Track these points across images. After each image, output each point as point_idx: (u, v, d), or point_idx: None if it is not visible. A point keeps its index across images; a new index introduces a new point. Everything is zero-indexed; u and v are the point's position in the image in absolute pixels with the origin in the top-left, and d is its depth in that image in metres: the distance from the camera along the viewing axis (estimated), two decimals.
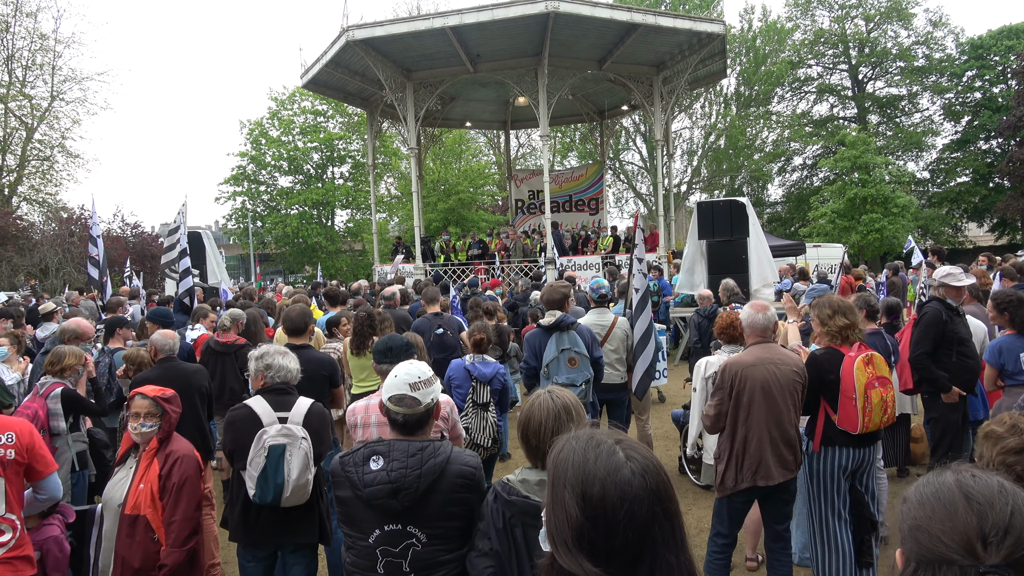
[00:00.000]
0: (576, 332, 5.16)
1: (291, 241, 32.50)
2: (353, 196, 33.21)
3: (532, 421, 2.24)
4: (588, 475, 1.30)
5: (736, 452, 3.85)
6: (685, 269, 11.85)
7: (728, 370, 3.91)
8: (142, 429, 3.31)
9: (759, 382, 3.81)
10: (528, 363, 5.19)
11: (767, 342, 3.97)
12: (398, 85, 16.27)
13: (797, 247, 19.50)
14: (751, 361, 3.87)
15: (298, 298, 7.01)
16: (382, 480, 2.37)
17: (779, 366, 3.85)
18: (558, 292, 5.33)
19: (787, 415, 3.83)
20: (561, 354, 5.02)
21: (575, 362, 5.05)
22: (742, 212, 11.29)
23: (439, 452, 2.45)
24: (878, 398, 3.81)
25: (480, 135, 35.76)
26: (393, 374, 2.57)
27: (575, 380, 5.01)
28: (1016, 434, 1.87)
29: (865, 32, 35.83)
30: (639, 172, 38.53)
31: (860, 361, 3.84)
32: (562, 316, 5.17)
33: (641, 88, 17.05)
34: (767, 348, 3.93)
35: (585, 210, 22.33)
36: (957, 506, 1.08)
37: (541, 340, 5.16)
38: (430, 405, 2.56)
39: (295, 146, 32.93)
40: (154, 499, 3.22)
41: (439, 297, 7.12)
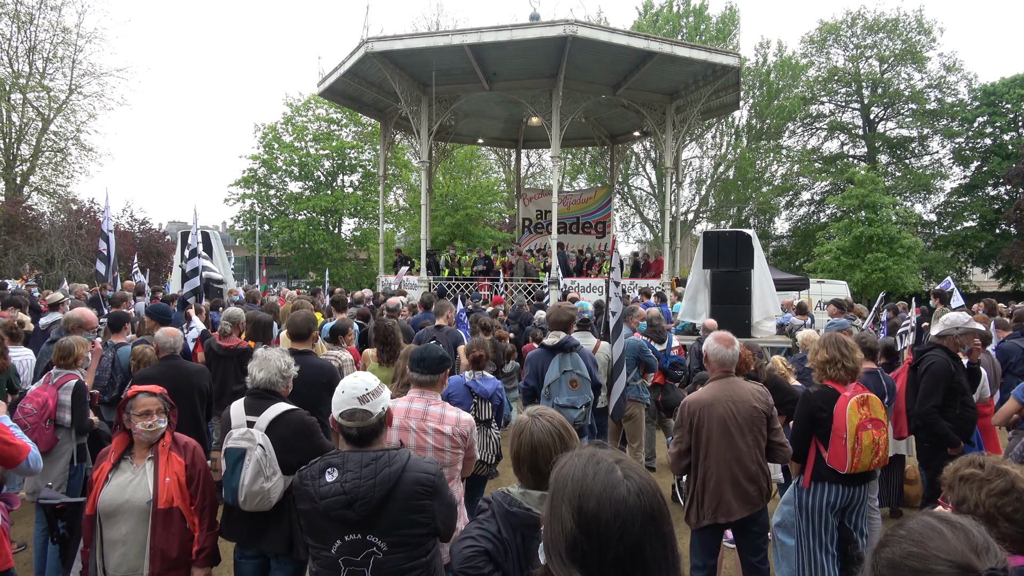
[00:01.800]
0: (578, 354, 5.20)
1: (297, 246, 32.63)
2: (361, 205, 33.39)
3: (540, 447, 2.22)
4: (585, 490, 1.35)
5: (697, 490, 3.89)
6: (688, 297, 11.86)
7: (687, 409, 3.95)
8: (159, 425, 3.32)
9: (716, 420, 3.84)
10: (527, 383, 5.20)
11: (729, 376, 4.00)
12: (413, 98, 16.44)
13: (801, 282, 19.52)
14: (708, 399, 3.90)
15: (300, 303, 7.04)
16: (336, 492, 2.40)
17: (737, 403, 3.87)
18: (565, 314, 5.36)
19: (748, 451, 3.85)
20: (563, 375, 5.04)
21: (576, 384, 5.07)
22: (748, 244, 11.33)
23: (394, 461, 2.48)
24: (869, 440, 3.82)
25: (491, 152, 35.98)
26: (340, 390, 2.60)
27: (575, 402, 5.02)
28: (1001, 476, 1.91)
29: (879, 73, 36.11)
30: (647, 198, 38.71)
31: (855, 402, 3.85)
32: (566, 338, 5.19)
33: (654, 115, 17.20)
34: (727, 384, 3.95)
35: (592, 233, 22.43)
36: (944, 531, 1.24)
37: (543, 360, 5.18)
38: (382, 415, 2.59)
39: (307, 152, 33.18)
40: (182, 490, 3.30)
41: (446, 311, 7.16)
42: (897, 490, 6.44)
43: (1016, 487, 1.90)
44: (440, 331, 6.76)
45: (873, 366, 5.23)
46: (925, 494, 5.45)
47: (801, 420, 4.01)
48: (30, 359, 6.03)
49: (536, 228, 23.06)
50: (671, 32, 33.01)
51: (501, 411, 5.02)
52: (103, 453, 3.35)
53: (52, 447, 4.47)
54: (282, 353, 3.71)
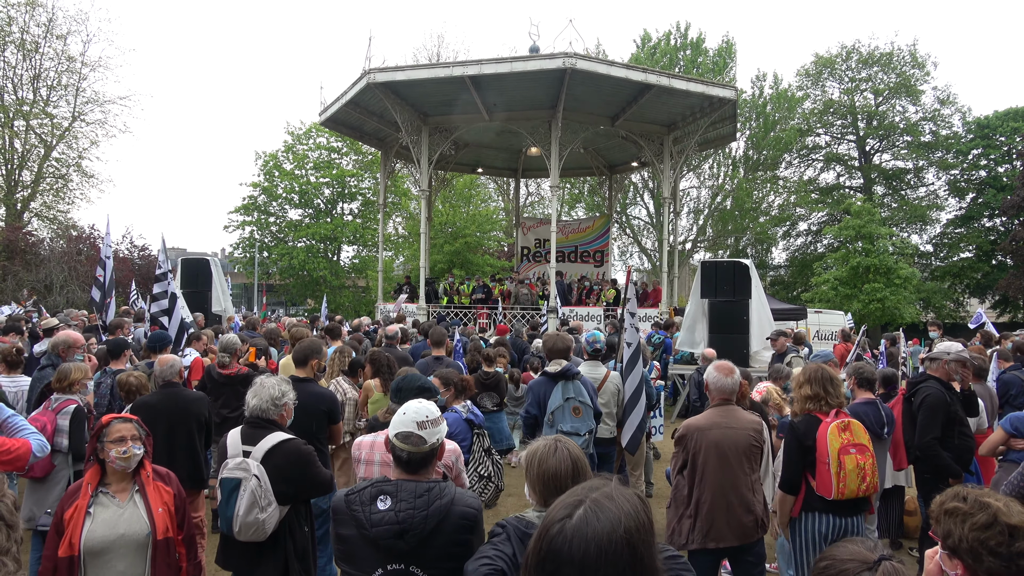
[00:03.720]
0: (580, 382, 5.22)
1: (296, 273, 32.69)
2: (361, 233, 33.54)
3: (550, 469, 2.25)
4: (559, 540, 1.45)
5: (689, 512, 3.94)
6: (686, 327, 11.91)
7: (685, 431, 4.04)
8: (135, 452, 3.24)
9: (713, 446, 3.90)
10: (529, 411, 5.21)
11: (728, 404, 4.05)
12: (414, 128, 16.64)
13: (799, 311, 19.57)
14: (706, 424, 3.96)
15: (297, 331, 7.06)
16: (390, 520, 2.39)
17: (735, 429, 3.93)
18: (562, 342, 5.40)
19: (743, 478, 3.89)
20: (566, 403, 5.06)
21: (579, 411, 5.08)
22: (745, 273, 11.41)
23: (444, 493, 2.49)
24: (853, 464, 3.84)
25: (490, 181, 36.26)
26: (402, 411, 2.62)
27: (579, 429, 5.03)
28: (983, 509, 1.92)
29: (874, 105, 36.61)
30: (645, 227, 38.93)
31: (835, 427, 3.89)
32: (568, 365, 5.23)
33: (652, 146, 17.41)
34: (725, 411, 4.02)
35: (590, 261, 22.54)
36: (846, 543, 1.76)
37: (546, 388, 5.20)
38: (435, 445, 2.61)
39: (307, 180, 33.42)
40: (172, 519, 3.27)
41: (445, 340, 7.15)
42: (896, 521, 6.41)
43: (999, 520, 1.89)
44: (440, 363, 6.71)
45: (871, 396, 5.22)
46: (923, 526, 5.43)
47: (790, 450, 4.03)
48: (26, 387, 6.00)
49: (535, 256, 23.16)
50: (668, 65, 33.52)
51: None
52: (72, 490, 3.19)
53: (49, 472, 4.45)
54: (280, 380, 3.72)
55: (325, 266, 32.21)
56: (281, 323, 13.16)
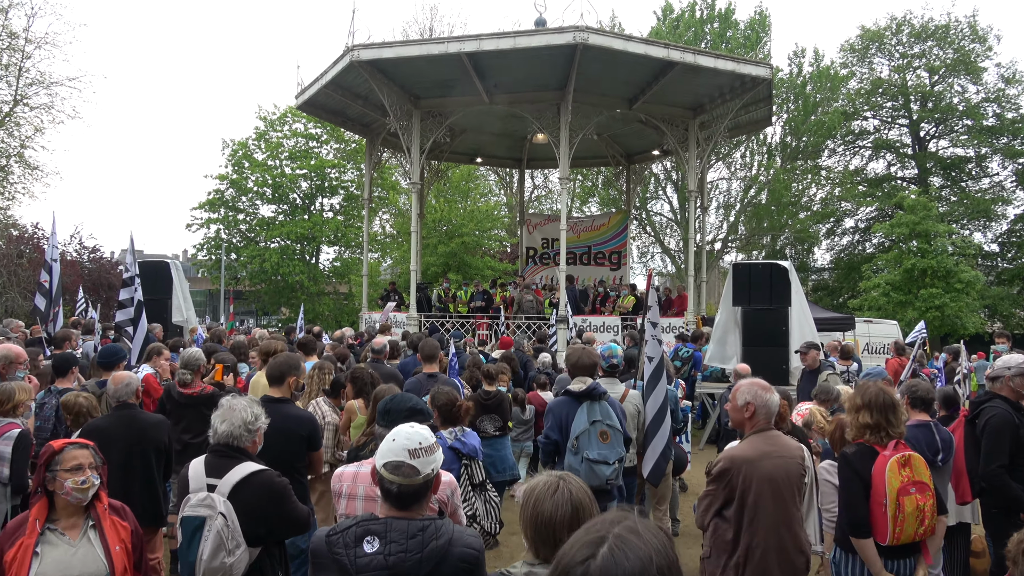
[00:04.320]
0: (607, 402, 5.20)
1: (268, 278, 32.73)
2: (343, 232, 33.60)
3: (544, 514, 2.21)
4: None
5: (737, 559, 3.82)
6: (716, 339, 11.87)
7: (730, 465, 3.88)
8: (93, 482, 3.24)
9: (766, 480, 3.79)
10: (549, 436, 5.16)
11: (771, 429, 3.99)
12: (404, 112, 16.67)
13: (845, 321, 19.53)
14: (754, 455, 3.85)
15: (267, 346, 7.04)
16: (378, 565, 2.36)
17: (786, 459, 3.86)
18: (588, 357, 5.37)
19: (796, 515, 3.86)
20: (592, 426, 5.00)
21: (607, 436, 5.04)
22: (784, 277, 11.37)
23: (441, 532, 2.46)
24: (912, 506, 3.78)
25: (490, 173, 36.34)
26: (391, 437, 2.59)
27: (607, 457, 5.00)
28: None
29: (929, 85, 36.61)
30: (668, 225, 38.94)
31: (895, 462, 3.82)
32: (594, 383, 5.19)
33: (675, 132, 17.41)
34: (770, 438, 3.93)
35: (605, 264, 22.53)
36: None
37: (568, 409, 5.15)
38: (429, 476, 2.58)
39: (282, 172, 33.50)
40: (130, 558, 3.25)
41: (439, 354, 7.13)
42: (962, 564, 6.34)
43: None
44: (435, 381, 6.66)
45: (926, 418, 5.16)
46: (993, 569, 5.38)
47: (852, 484, 3.95)
48: None
49: (542, 259, 23.15)
50: (693, 39, 33.58)
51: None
52: (13, 527, 3.13)
53: None
54: (250, 402, 3.70)
55: (302, 270, 32.28)
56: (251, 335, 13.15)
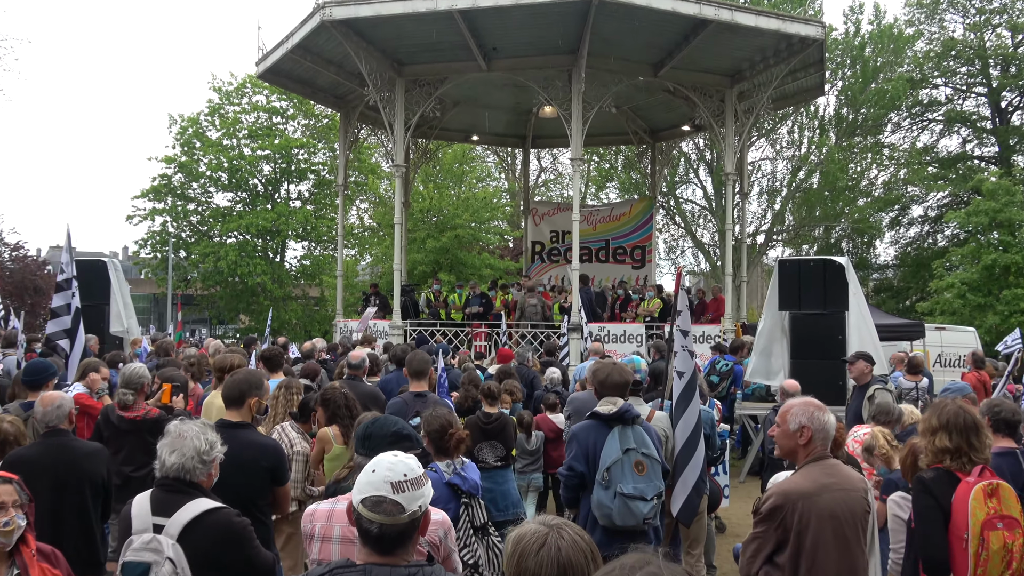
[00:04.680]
0: (642, 427, 5.21)
1: (224, 280, 32.79)
2: (313, 224, 33.66)
3: (527, 572, 2.20)
4: None
5: None
6: (759, 350, 11.86)
7: (784, 501, 3.86)
8: (18, 523, 3.27)
9: (827, 518, 3.77)
10: (574, 467, 5.17)
11: (828, 458, 3.97)
12: (385, 82, 16.69)
13: (913, 328, 19.51)
14: (811, 488, 3.84)
15: (223, 360, 7.05)
16: None
17: (849, 492, 3.85)
18: (620, 373, 5.38)
19: (862, 558, 3.84)
20: (626, 456, 5.01)
21: (643, 467, 5.04)
22: (839, 276, 11.36)
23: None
24: (999, 544, 3.78)
25: (489, 153, 36.30)
26: (370, 468, 2.59)
27: (644, 492, 5.00)
28: None
29: (1011, 46, 36.59)
30: (701, 214, 38.92)
31: (980, 491, 3.83)
32: (626, 405, 5.20)
33: (709, 103, 17.41)
34: (828, 468, 3.92)
35: (627, 261, 22.55)
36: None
37: (597, 435, 5.16)
38: (416, 514, 2.57)
39: (240, 153, 33.62)
40: None
41: (428, 370, 7.12)
42: None
43: None
44: (423, 401, 6.65)
45: (1012, 445, 5.16)
46: None
47: (929, 514, 3.94)
48: None
49: (550, 255, 23.16)
50: None
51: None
52: None
53: None
54: (204, 427, 3.71)
55: (264, 270, 32.33)
56: (204, 348, 13.17)
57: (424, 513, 2.62)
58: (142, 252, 35.53)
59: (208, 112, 34.13)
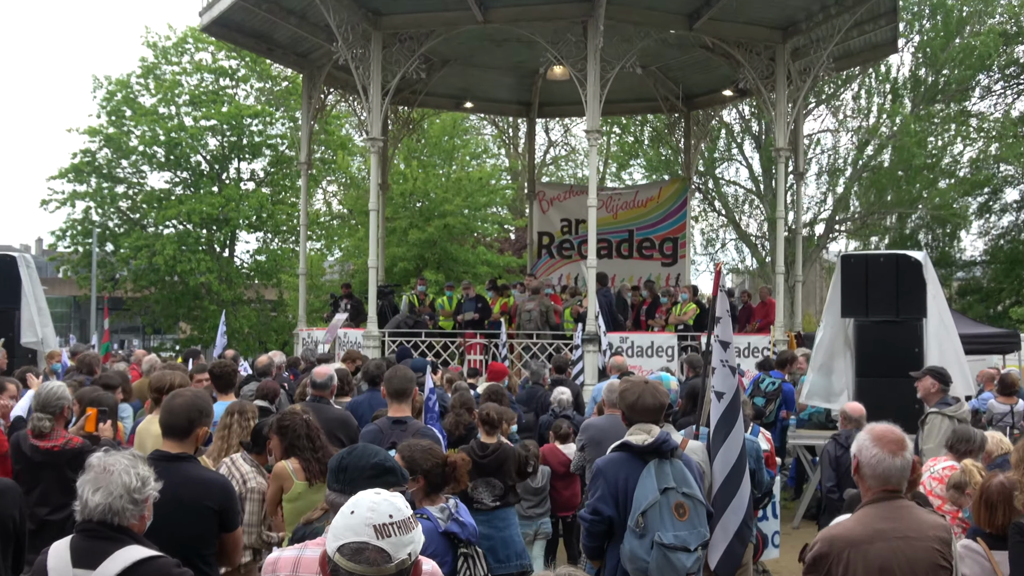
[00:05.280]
0: (682, 461, 5.22)
1: (161, 279, 32.75)
2: (270, 211, 33.62)
3: None
4: None
5: None
6: (817, 366, 11.86)
7: (829, 549, 3.88)
8: None
9: (877, 571, 3.78)
10: (599, 510, 5.15)
11: (895, 499, 3.97)
12: (358, 36, 16.65)
13: (1007, 339, 19.51)
14: (862, 535, 3.85)
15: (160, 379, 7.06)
16: None
17: (912, 541, 3.83)
18: (653, 395, 5.36)
19: None
20: (664, 496, 5.02)
21: (685, 511, 5.05)
22: (916, 275, 11.36)
23: None
24: None
25: (486, 124, 36.30)
26: (348, 509, 2.60)
27: (687, 542, 5.01)
28: None
29: None
30: (746, 200, 38.88)
31: None
32: (663, 434, 5.20)
33: (756, 62, 17.37)
34: (892, 511, 3.91)
35: (655, 256, 22.52)
36: None
37: (628, 472, 5.14)
38: (405, 564, 2.59)
39: (179, 123, 33.56)
40: None
41: (411, 390, 7.11)
42: None
43: None
44: (403, 430, 6.63)
45: None
46: None
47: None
48: None
49: (561, 250, 23.14)
50: None
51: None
52: None
53: None
54: (135, 460, 3.71)
55: (209, 267, 32.29)
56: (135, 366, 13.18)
57: (414, 563, 2.64)
58: (60, 245, 35.47)
59: (141, 73, 34.11)
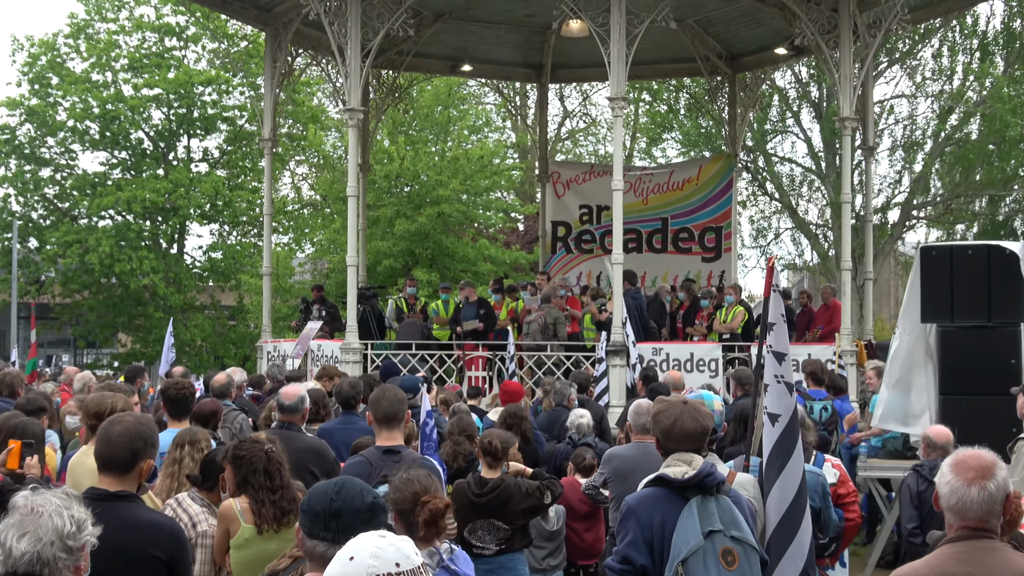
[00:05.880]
0: (730, 499, 5.20)
1: (96, 281, 32.81)
2: (226, 199, 33.65)
3: None
4: None
5: None
6: (893, 382, 11.85)
7: None
8: None
9: None
10: (631, 560, 5.13)
11: (983, 538, 3.99)
12: None
13: None
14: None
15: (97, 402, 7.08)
16: None
17: None
18: (693, 417, 5.32)
19: None
20: (709, 541, 5.02)
21: (734, 559, 5.03)
22: (1012, 271, 11.35)
23: None
24: None
25: (487, 90, 36.34)
26: (347, 554, 2.61)
27: None
28: None
29: None
30: (804, 180, 38.86)
31: None
32: (707, 466, 5.18)
33: (816, 15, 17.40)
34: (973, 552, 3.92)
35: (694, 250, 22.53)
36: None
37: (665, 512, 5.13)
38: None
39: (117, 93, 33.62)
40: None
41: (403, 414, 7.10)
42: None
43: None
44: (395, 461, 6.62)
45: None
46: None
47: None
48: None
49: (580, 243, 23.16)
50: None
51: None
52: None
53: None
54: (68, 501, 3.73)
55: (154, 266, 32.31)
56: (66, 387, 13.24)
57: None
58: None
59: (70, 33, 34.16)
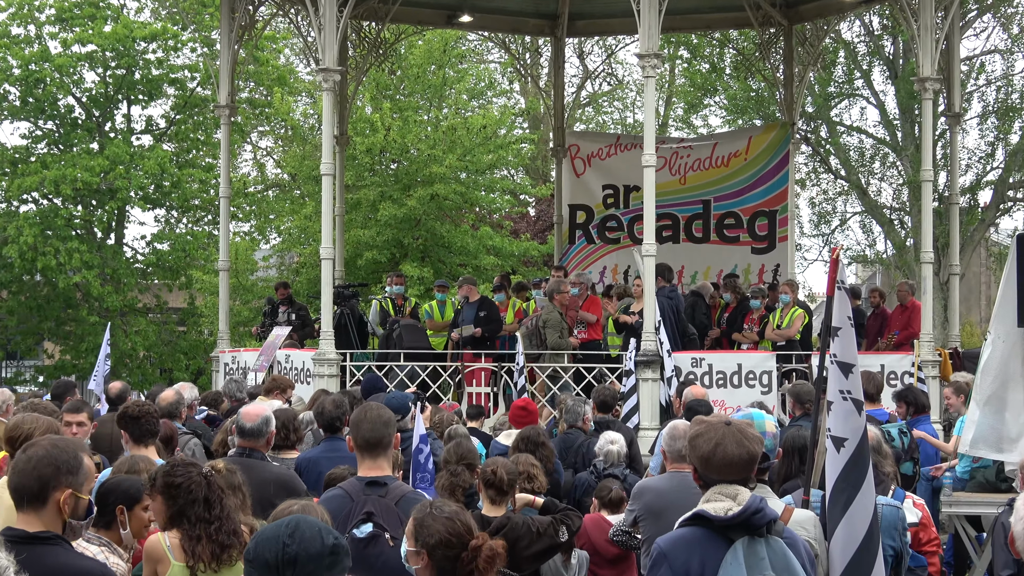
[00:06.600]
0: (785, 540, 5.21)
1: (16, 279, 33.01)
2: (174, 178, 33.79)
3: None
4: None
5: None
6: (985, 399, 11.87)
7: None
8: None
9: None
10: None
11: None
12: None
13: None
14: None
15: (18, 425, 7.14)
16: None
17: None
18: (740, 443, 5.33)
19: None
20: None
21: None
22: None
23: None
24: None
25: (491, 45, 36.42)
26: None
27: None
28: None
29: None
30: (876, 154, 38.90)
31: None
32: (755, 500, 5.18)
33: None
34: None
35: (742, 240, 22.61)
36: None
37: (704, 555, 5.14)
38: None
39: (42, 51, 33.82)
40: None
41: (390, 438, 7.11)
42: None
43: None
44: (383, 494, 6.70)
45: None
46: None
47: None
48: None
49: (604, 230, 23.23)
50: None
51: None
52: None
53: None
54: None
55: (87, 260, 32.44)
56: None
57: None
58: None
59: None
